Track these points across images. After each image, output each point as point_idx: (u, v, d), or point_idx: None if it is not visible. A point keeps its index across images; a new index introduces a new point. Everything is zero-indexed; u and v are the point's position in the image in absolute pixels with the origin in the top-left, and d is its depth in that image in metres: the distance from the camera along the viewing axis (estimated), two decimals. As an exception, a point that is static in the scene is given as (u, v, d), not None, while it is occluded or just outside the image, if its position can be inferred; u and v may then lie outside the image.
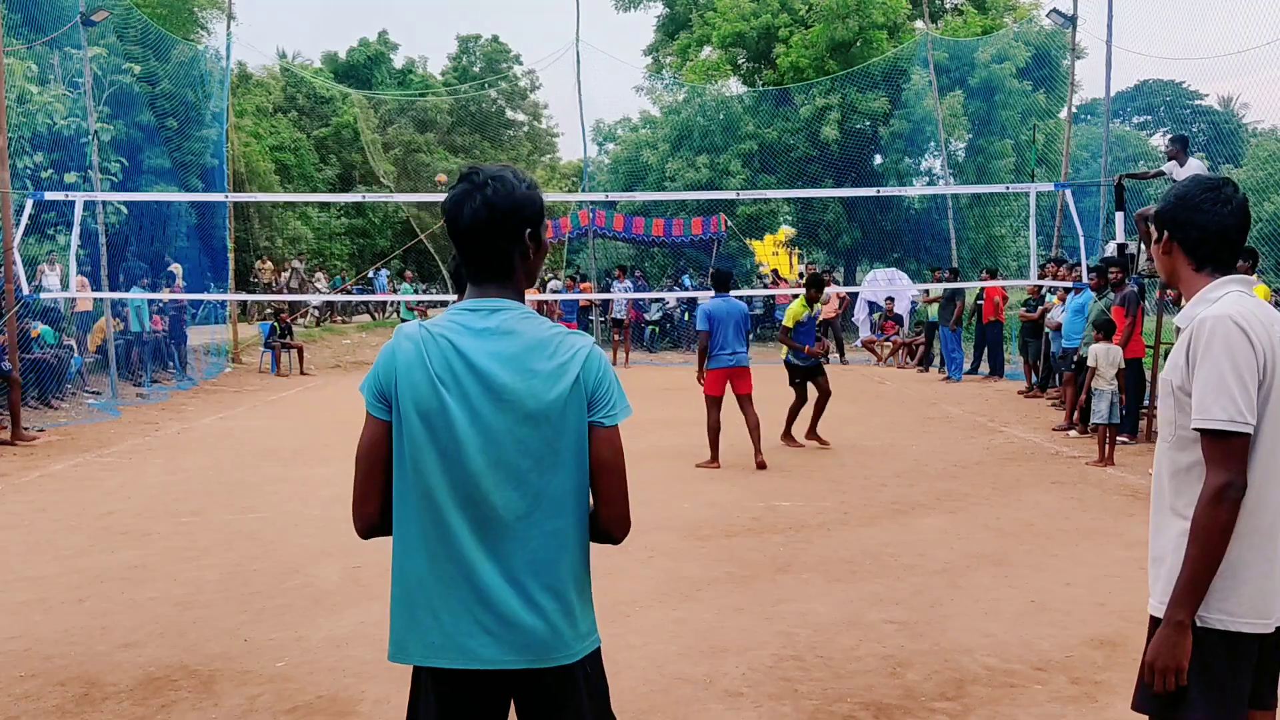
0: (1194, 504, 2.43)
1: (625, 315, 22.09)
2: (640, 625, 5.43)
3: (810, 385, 11.08)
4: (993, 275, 18.40)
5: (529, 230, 2.25)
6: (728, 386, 9.95)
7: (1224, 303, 2.45)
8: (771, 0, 26.42)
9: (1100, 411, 9.81)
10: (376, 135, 37.92)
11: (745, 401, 9.97)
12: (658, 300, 23.68)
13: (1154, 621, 2.56)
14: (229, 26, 21.16)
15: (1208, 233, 2.53)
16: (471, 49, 45.82)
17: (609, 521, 2.27)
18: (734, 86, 28.14)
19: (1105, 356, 9.89)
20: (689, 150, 25.96)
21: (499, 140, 45.31)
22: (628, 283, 23.04)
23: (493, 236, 2.21)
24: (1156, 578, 2.57)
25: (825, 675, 4.70)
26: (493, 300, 2.24)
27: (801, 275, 31.14)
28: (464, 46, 45.79)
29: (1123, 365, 9.96)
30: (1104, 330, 10.09)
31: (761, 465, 9.74)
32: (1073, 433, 11.50)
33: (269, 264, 28.05)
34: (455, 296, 4.31)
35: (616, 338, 21.61)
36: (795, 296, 11.42)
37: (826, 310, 20.60)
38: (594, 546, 2.37)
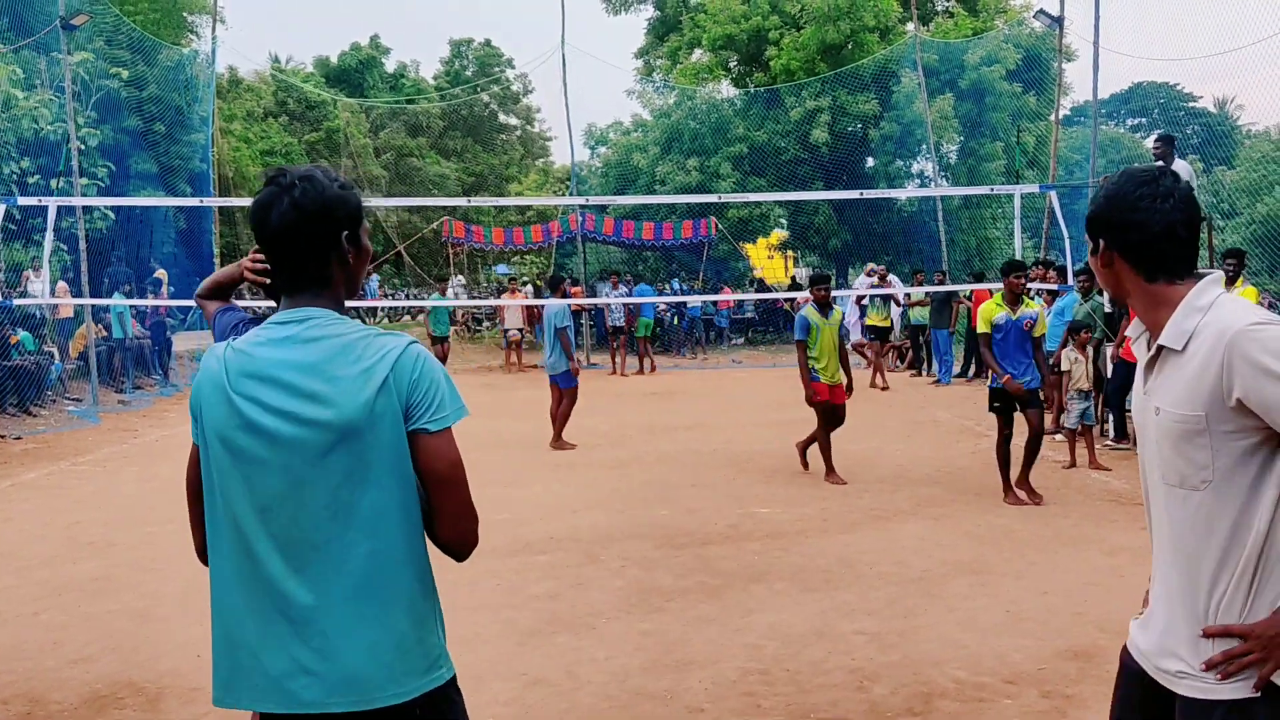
0: (1251, 553, 2.04)
1: (623, 322, 21.93)
2: (606, 637, 5.30)
3: (1019, 417, 8.38)
4: (979, 279, 18.32)
5: (346, 233, 2.07)
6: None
7: (1234, 308, 2.09)
8: (762, 3, 26.31)
9: (1075, 415, 9.88)
10: (368, 141, 37.84)
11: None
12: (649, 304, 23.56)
13: (1188, 705, 2.13)
14: (214, 30, 21.08)
15: (1152, 234, 2.15)
16: (464, 53, 45.73)
17: (448, 541, 2.06)
18: (725, 89, 28.05)
19: (1073, 356, 9.96)
20: (679, 153, 25.85)
21: (491, 144, 45.22)
22: (623, 288, 22.84)
23: (304, 241, 2.02)
24: (1202, 645, 2.11)
25: (790, 690, 4.58)
26: (302, 310, 2.05)
27: (794, 279, 31.19)
28: (456, 50, 45.69)
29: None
30: (1076, 332, 10.14)
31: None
32: (1059, 436, 11.38)
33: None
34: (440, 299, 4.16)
35: (613, 344, 21.28)
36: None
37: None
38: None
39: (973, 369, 17.93)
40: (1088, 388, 9.97)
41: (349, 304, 2.19)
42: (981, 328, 8.46)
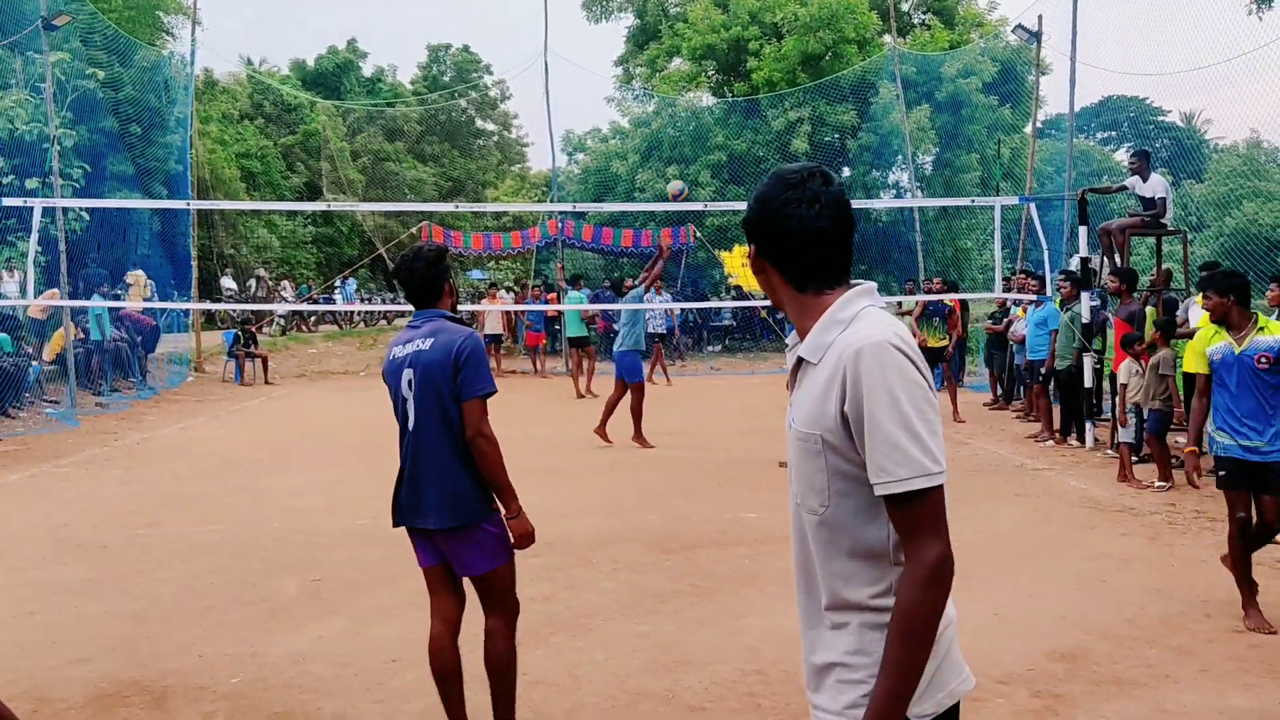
0: (873, 589, 1.92)
1: (667, 328, 21.53)
2: (603, 639, 5.37)
3: (1256, 502, 5.59)
4: (953, 288, 18.44)
5: None
6: None
7: (869, 324, 1.89)
8: (742, 13, 26.50)
9: (1132, 429, 9.66)
10: (345, 144, 37.74)
11: None
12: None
13: None
14: (193, 32, 20.99)
15: (799, 242, 1.93)
16: (442, 58, 45.73)
17: None
18: (704, 98, 28.22)
19: (1132, 369, 9.57)
20: (658, 161, 25.98)
21: (468, 149, 45.20)
22: (666, 295, 22.46)
23: None
24: (838, 688, 1.94)
25: (788, 690, 4.67)
26: None
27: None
28: (434, 55, 45.69)
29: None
30: (1130, 345, 9.63)
31: None
32: (1050, 443, 11.55)
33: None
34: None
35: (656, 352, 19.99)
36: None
37: None
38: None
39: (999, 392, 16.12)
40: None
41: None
42: (1191, 365, 5.83)
